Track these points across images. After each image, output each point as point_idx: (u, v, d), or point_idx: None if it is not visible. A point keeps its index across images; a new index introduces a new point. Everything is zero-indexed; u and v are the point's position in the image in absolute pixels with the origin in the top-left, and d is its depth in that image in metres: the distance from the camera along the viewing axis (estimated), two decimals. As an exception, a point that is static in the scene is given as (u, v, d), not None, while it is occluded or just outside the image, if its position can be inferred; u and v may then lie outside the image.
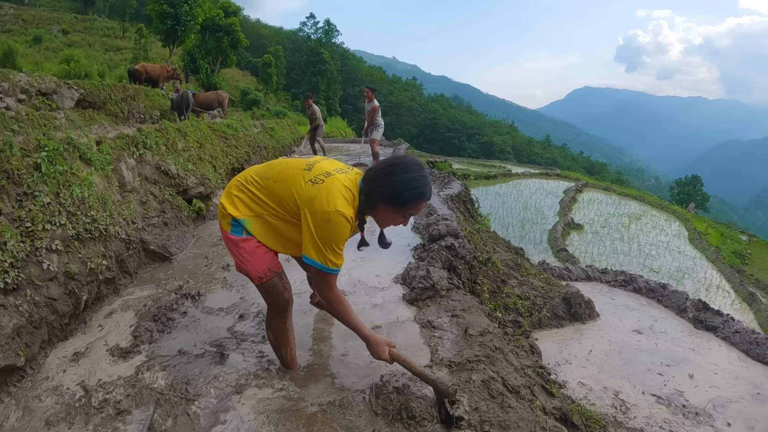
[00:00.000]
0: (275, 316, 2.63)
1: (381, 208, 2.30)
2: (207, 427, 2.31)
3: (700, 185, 55.17)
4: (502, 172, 25.72)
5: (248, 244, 2.42)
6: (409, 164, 2.28)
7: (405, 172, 2.23)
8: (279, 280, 2.52)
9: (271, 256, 2.50)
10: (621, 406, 3.73)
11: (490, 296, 4.53)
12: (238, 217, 2.41)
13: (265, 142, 11.73)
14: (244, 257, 2.43)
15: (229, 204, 2.45)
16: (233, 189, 2.49)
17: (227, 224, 2.44)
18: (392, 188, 2.22)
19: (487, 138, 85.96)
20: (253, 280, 2.50)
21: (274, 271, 2.49)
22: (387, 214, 2.32)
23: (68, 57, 32.08)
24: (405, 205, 2.26)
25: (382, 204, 2.28)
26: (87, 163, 4.04)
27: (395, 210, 2.28)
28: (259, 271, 2.45)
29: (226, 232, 2.46)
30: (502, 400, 2.38)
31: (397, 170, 2.24)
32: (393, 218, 2.34)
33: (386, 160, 2.37)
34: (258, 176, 2.46)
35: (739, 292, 12.83)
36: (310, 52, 64.04)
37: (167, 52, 39.13)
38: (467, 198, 8.89)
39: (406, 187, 2.21)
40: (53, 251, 3.16)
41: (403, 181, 2.21)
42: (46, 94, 10.06)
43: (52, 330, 3.02)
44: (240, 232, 2.42)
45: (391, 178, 2.23)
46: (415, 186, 2.22)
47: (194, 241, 5.19)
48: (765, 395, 4.10)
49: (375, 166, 2.37)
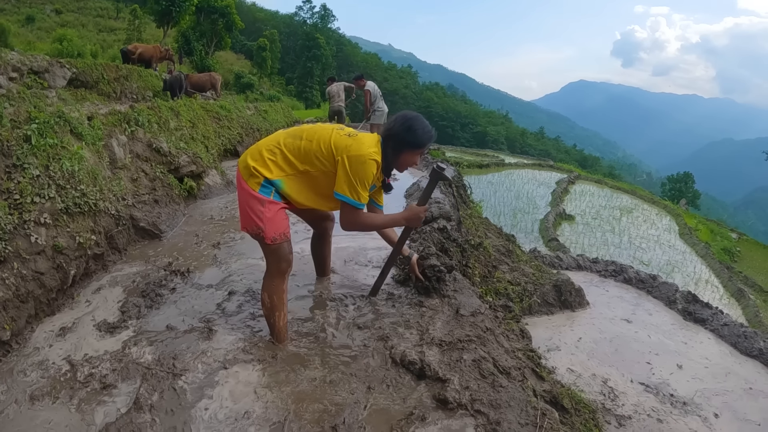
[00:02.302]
0: (275, 276, 2.76)
1: (405, 154, 2.81)
2: (193, 401, 2.29)
3: (692, 182, 55.43)
4: (495, 161, 25.69)
5: (274, 206, 2.67)
6: (417, 115, 2.84)
7: (417, 121, 2.80)
8: (287, 245, 2.74)
9: (287, 222, 2.77)
10: (609, 394, 3.74)
11: (481, 280, 4.52)
12: (272, 179, 2.66)
13: (259, 124, 11.63)
14: (267, 217, 2.64)
15: (262, 167, 2.67)
16: (265, 152, 2.71)
17: (256, 184, 2.65)
18: (415, 135, 2.76)
19: (480, 128, 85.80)
20: (266, 240, 2.66)
21: (286, 235, 2.72)
22: (410, 158, 2.84)
23: (61, 37, 31.71)
24: (424, 145, 2.82)
25: (408, 149, 2.79)
26: (78, 137, 3.98)
27: (416, 151, 2.83)
28: (276, 233, 2.66)
29: (253, 191, 2.65)
30: (493, 380, 2.37)
31: (413, 122, 2.78)
32: (414, 160, 2.87)
33: (397, 117, 2.85)
34: (290, 138, 2.76)
35: (727, 288, 12.94)
36: (306, 37, 63.61)
37: (161, 33, 38.70)
38: (460, 183, 8.86)
39: (423, 132, 2.78)
40: (41, 224, 3.12)
41: (420, 128, 2.77)
42: (38, 73, 9.95)
43: (39, 304, 2.99)
44: (269, 193, 2.66)
45: (413, 128, 2.76)
46: (429, 130, 2.81)
47: (185, 219, 5.15)
48: (757, 390, 4.12)
49: (391, 124, 2.83)
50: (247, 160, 2.73)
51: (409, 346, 2.70)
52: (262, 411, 2.25)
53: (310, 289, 3.51)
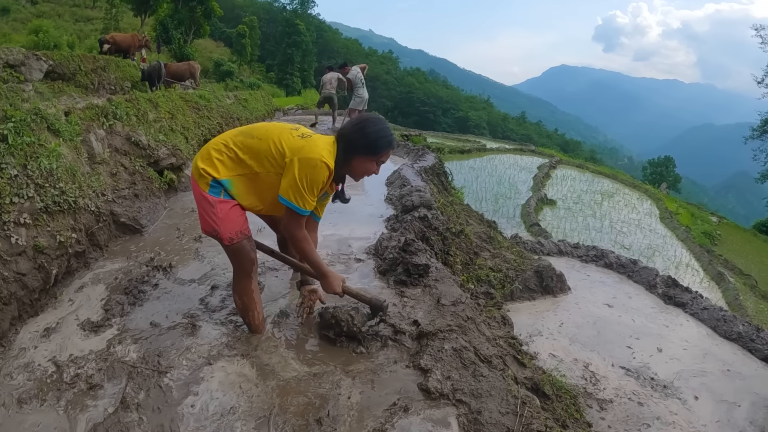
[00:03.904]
0: (241, 278, 2.72)
1: (358, 159, 2.62)
2: (179, 398, 2.30)
3: (673, 166, 56.10)
4: (477, 146, 25.63)
5: (224, 205, 2.56)
6: (376, 118, 2.70)
7: (375, 125, 2.62)
8: (247, 242, 2.66)
9: (244, 219, 2.66)
10: (591, 378, 3.81)
11: (463, 268, 4.57)
12: (220, 179, 2.55)
13: (239, 113, 11.56)
14: (218, 217, 2.54)
15: (210, 167, 2.57)
16: (213, 152, 2.60)
17: (205, 185, 2.56)
18: (367, 138, 2.58)
19: (462, 113, 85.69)
20: (223, 241, 2.60)
21: (244, 233, 2.64)
22: (363, 164, 2.64)
23: (37, 28, 31.04)
24: (378, 152, 2.62)
25: (359, 154, 2.61)
26: (55, 134, 3.93)
27: (371, 158, 2.63)
28: (231, 232, 2.57)
29: (203, 192, 2.56)
30: (474, 369, 2.41)
31: (369, 124, 2.62)
32: (368, 167, 2.66)
33: (356, 118, 2.73)
34: (241, 136, 2.64)
35: (707, 271, 13.13)
36: (286, 23, 62.78)
37: (139, 22, 38.10)
38: (441, 170, 8.91)
39: (378, 137, 2.59)
40: (21, 225, 3.08)
41: (375, 132, 2.59)
42: (14, 66, 9.78)
43: (22, 306, 2.96)
44: (218, 193, 2.56)
45: (365, 130, 2.59)
46: (384, 135, 2.61)
47: (166, 213, 5.12)
48: (735, 372, 4.22)
49: (347, 125, 2.72)
50: (197, 160, 2.64)
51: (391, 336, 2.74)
52: (248, 406, 2.27)
53: (291, 281, 3.53)
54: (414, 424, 2.14)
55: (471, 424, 2.12)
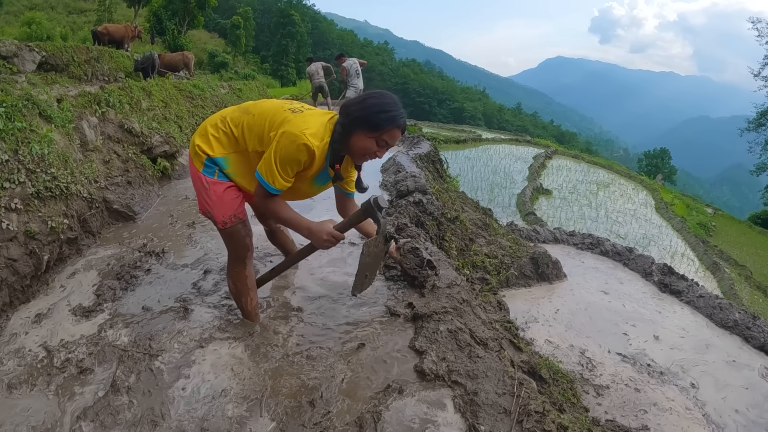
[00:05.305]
0: (235, 263, 2.64)
1: (356, 136, 2.29)
2: (170, 381, 2.28)
3: (668, 158, 56.19)
4: (472, 136, 25.56)
5: (218, 187, 2.44)
6: (382, 93, 2.35)
7: (379, 98, 2.29)
8: (242, 227, 2.55)
9: (239, 202, 2.52)
10: (587, 364, 3.81)
11: (458, 254, 4.56)
12: (214, 156, 2.42)
13: (233, 102, 11.46)
14: (212, 200, 2.44)
15: (205, 143, 2.44)
16: (210, 128, 2.47)
17: (200, 163, 2.44)
18: (366, 111, 2.26)
19: (458, 104, 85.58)
20: (217, 224, 2.51)
21: (238, 217, 2.51)
22: (361, 141, 2.29)
23: (30, 20, 30.97)
24: (379, 128, 2.26)
25: (357, 130, 2.28)
26: (47, 120, 3.90)
27: (370, 135, 2.27)
28: (225, 216, 2.47)
29: (198, 171, 2.45)
30: (470, 351, 2.39)
31: (372, 96, 2.30)
32: (367, 145, 2.30)
33: (362, 93, 2.50)
34: (238, 111, 2.48)
35: (703, 261, 13.19)
36: (280, 14, 62.49)
37: (132, 13, 37.83)
38: (436, 158, 8.89)
39: (379, 110, 2.25)
40: (12, 210, 3.05)
41: (377, 105, 2.27)
42: (7, 58, 9.71)
43: (13, 292, 2.94)
44: (212, 173, 2.43)
45: (365, 102, 2.29)
46: (388, 110, 2.26)
47: (159, 200, 5.08)
48: (741, 364, 4.22)
49: (352, 99, 2.40)
50: (194, 137, 2.51)
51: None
52: (240, 388, 2.25)
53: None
54: (408, 405, 2.12)
55: (467, 405, 2.10)
